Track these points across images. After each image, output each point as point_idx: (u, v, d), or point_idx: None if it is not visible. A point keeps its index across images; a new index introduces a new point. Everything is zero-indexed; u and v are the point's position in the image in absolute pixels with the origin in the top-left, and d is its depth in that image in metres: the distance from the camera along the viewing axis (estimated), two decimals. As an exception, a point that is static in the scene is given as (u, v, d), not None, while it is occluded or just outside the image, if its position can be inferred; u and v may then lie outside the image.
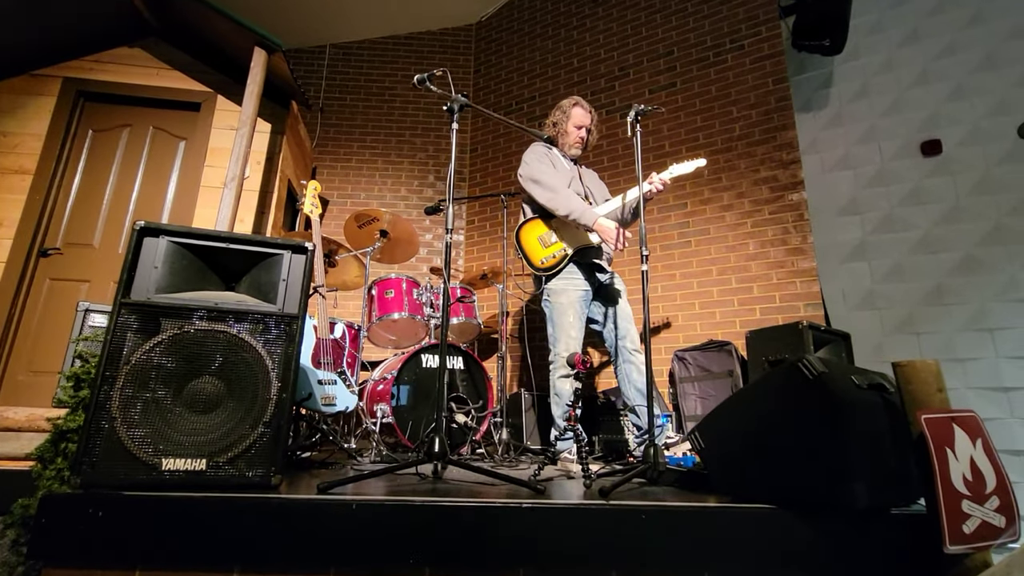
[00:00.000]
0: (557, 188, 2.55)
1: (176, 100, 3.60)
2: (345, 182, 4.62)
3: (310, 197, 2.73)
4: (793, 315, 3.19)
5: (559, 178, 2.60)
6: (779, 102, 3.56)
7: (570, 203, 2.51)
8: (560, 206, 2.51)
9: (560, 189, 2.55)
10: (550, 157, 2.70)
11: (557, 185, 2.55)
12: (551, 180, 2.57)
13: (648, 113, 2.27)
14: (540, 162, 2.66)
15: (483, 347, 4.11)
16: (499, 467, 2.41)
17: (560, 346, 2.56)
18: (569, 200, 2.52)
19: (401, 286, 3.07)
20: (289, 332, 1.59)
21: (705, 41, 3.94)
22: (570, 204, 2.50)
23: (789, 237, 3.32)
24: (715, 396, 3.14)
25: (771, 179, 3.47)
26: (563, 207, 2.51)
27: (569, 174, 2.73)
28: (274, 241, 1.66)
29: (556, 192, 2.54)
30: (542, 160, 2.68)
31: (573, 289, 2.59)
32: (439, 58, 5.04)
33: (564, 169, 2.72)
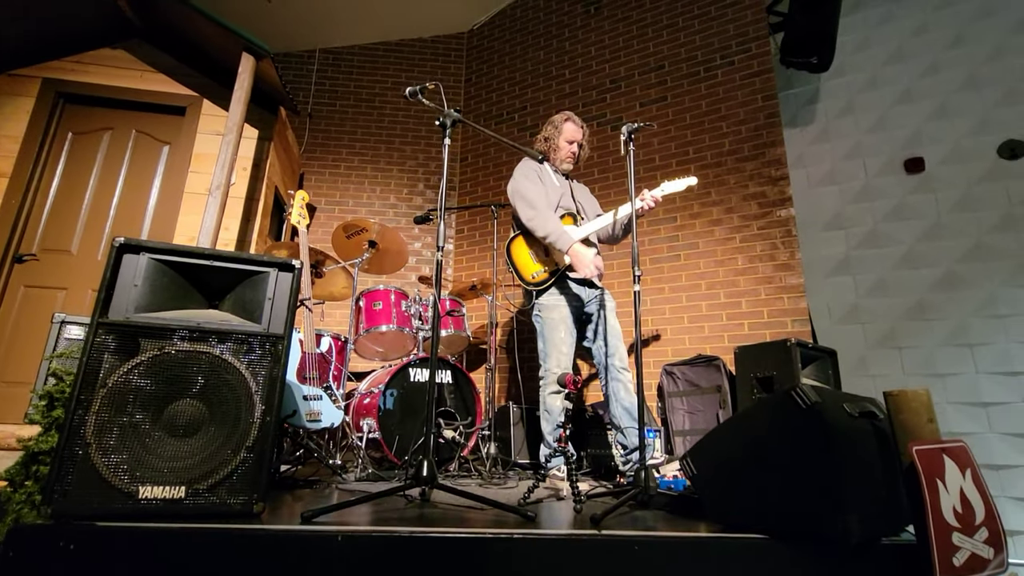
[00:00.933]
0: (538, 207, 2.55)
1: (160, 104, 3.52)
2: (333, 189, 4.56)
3: (297, 207, 2.68)
4: (781, 330, 3.22)
5: (544, 197, 2.59)
6: (768, 118, 3.60)
7: (547, 225, 2.51)
8: (538, 227, 2.52)
9: (541, 208, 2.55)
10: (539, 173, 2.69)
11: (539, 204, 2.55)
12: (534, 198, 2.57)
13: (639, 131, 2.27)
14: (527, 178, 2.65)
15: (472, 357, 4.08)
16: (487, 485, 2.39)
17: (551, 362, 2.54)
18: (547, 222, 2.52)
19: (389, 298, 3.03)
20: (274, 353, 1.54)
21: (696, 56, 3.97)
22: (547, 226, 2.51)
23: (777, 253, 3.35)
24: (703, 411, 3.15)
25: (760, 195, 3.50)
26: (541, 228, 2.52)
27: (560, 189, 2.72)
28: (260, 259, 1.62)
29: (536, 211, 2.54)
30: (529, 176, 2.67)
31: (564, 305, 2.58)
32: (430, 65, 5.02)
33: (554, 185, 2.71)
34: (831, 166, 4.78)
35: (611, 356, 2.56)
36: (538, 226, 2.52)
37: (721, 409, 3.08)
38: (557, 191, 2.71)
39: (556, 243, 2.49)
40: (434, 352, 1.79)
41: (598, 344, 2.62)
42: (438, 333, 1.80)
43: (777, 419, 1.37)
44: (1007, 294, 3.94)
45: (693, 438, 3.12)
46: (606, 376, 2.58)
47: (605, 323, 2.61)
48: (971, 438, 3.78)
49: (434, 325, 1.81)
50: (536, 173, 2.69)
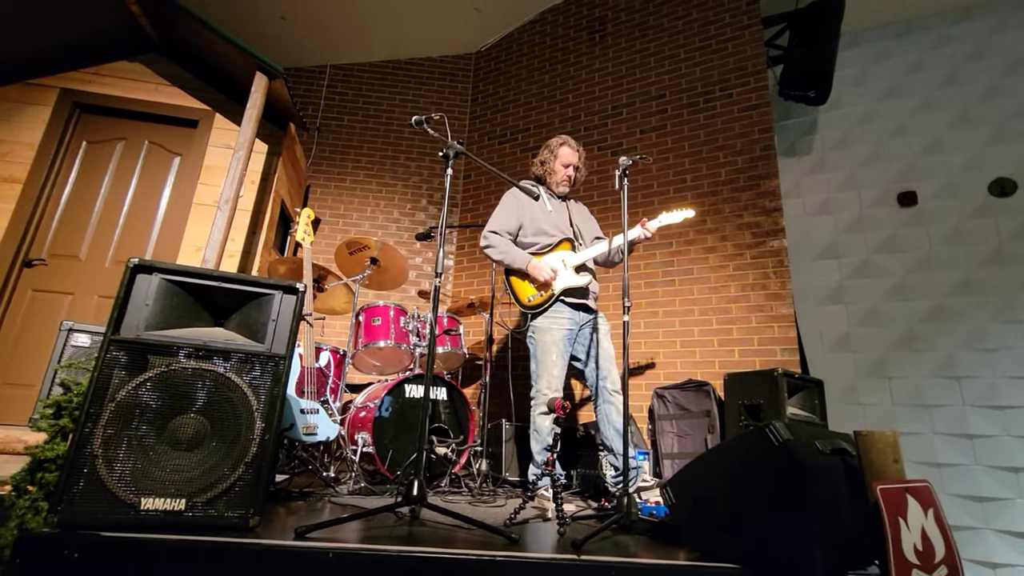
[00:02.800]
0: (495, 237, 2.72)
1: (173, 116, 3.62)
2: (338, 202, 4.66)
3: (303, 225, 2.76)
4: (770, 359, 3.28)
5: (508, 225, 2.76)
6: (764, 151, 3.69)
7: (501, 248, 2.71)
8: (494, 254, 2.73)
9: (495, 240, 2.74)
10: (522, 203, 2.78)
11: (499, 231, 2.73)
12: (495, 225, 2.76)
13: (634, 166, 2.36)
14: (500, 209, 2.82)
15: (468, 372, 4.14)
16: (477, 501, 2.44)
17: (542, 383, 2.61)
18: (500, 246, 2.72)
19: (388, 314, 3.10)
20: (276, 372, 1.62)
21: (696, 87, 4.08)
22: (501, 249, 2.71)
23: (769, 282, 3.43)
24: (692, 435, 3.21)
25: (754, 225, 3.59)
26: (496, 254, 2.72)
27: (554, 214, 2.81)
28: (266, 281, 1.69)
29: (490, 242, 2.74)
30: (504, 207, 2.82)
31: (558, 328, 2.65)
32: (438, 84, 5.14)
33: (545, 209, 2.80)
34: (826, 196, 4.88)
35: (603, 379, 2.63)
36: (494, 253, 2.73)
37: (709, 434, 3.14)
38: (551, 215, 2.79)
39: (514, 264, 2.68)
40: (429, 374, 1.86)
41: (591, 367, 2.69)
42: (433, 355, 1.87)
43: (752, 454, 1.44)
44: (995, 328, 4.01)
45: (681, 461, 3.18)
46: (598, 398, 2.65)
47: (598, 346, 2.68)
48: (957, 470, 3.84)
49: (430, 349, 1.88)
50: (516, 203, 2.79)
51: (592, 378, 2.68)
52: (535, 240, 2.77)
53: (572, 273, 2.68)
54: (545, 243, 2.76)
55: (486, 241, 2.77)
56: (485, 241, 2.77)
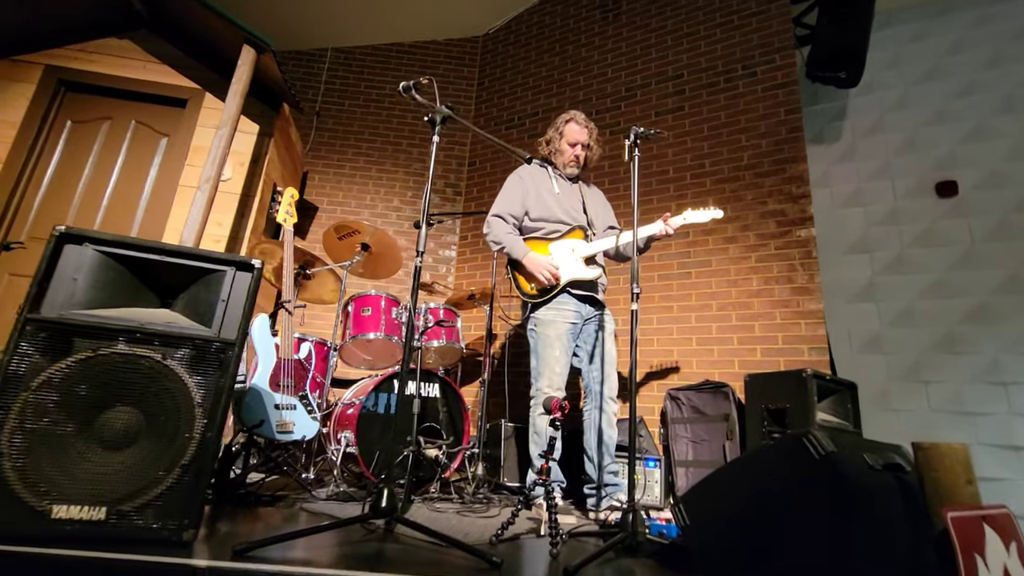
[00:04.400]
0: (497, 223, 2.51)
1: (162, 95, 3.45)
2: (336, 189, 4.46)
3: (285, 205, 2.55)
4: (796, 358, 2.99)
5: (511, 208, 2.54)
6: (790, 133, 3.40)
7: (499, 235, 2.48)
8: (491, 240, 2.53)
9: (496, 226, 2.52)
10: (527, 184, 2.55)
11: (502, 215, 2.51)
12: (499, 209, 2.54)
13: (649, 137, 2.11)
14: (504, 192, 2.60)
15: (468, 369, 3.90)
16: (467, 511, 2.21)
17: (543, 381, 2.37)
18: (499, 233, 2.48)
19: (379, 304, 2.88)
20: (223, 361, 1.39)
21: (716, 66, 3.79)
22: (499, 236, 2.48)
23: (795, 275, 3.13)
24: (708, 441, 2.93)
25: (779, 213, 3.29)
26: (493, 239, 2.51)
27: (564, 197, 2.56)
28: (215, 256, 1.47)
29: (490, 228, 2.53)
30: (507, 189, 2.59)
31: (562, 321, 2.40)
32: (443, 68, 4.92)
33: (552, 192, 2.55)
34: (857, 186, 4.54)
35: (602, 383, 2.41)
36: (492, 239, 2.52)
37: (728, 440, 2.86)
38: (560, 198, 2.55)
39: (512, 253, 2.45)
40: (405, 365, 1.63)
41: (591, 368, 2.46)
42: (411, 344, 1.64)
43: (785, 469, 1.18)
44: (1046, 330, 3.65)
45: (696, 470, 2.90)
46: (591, 403, 2.43)
47: (602, 347, 2.44)
48: (1003, 484, 3.49)
49: (407, 337, 1.65)
50: (521, 184, 2.56)
51: (590, 380, 2.45)
52: (541, 225, 2.52)
53: (581, 264, 2.43)
54: (553, 229, 2.51)
55: (487, 228, 2.54)
56: (487, 228, 2.55)
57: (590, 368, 2.46)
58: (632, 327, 1.75)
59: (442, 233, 4.44)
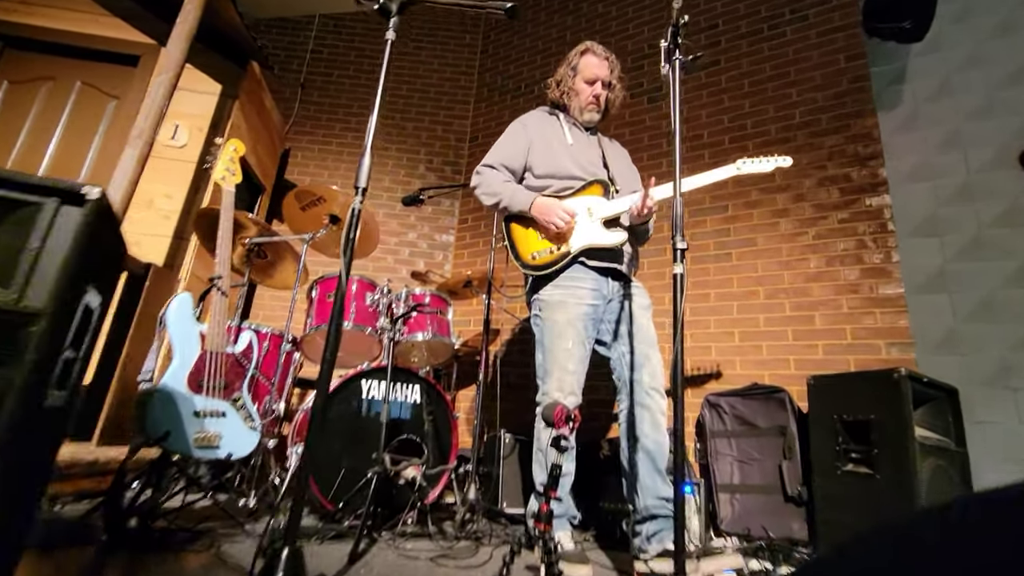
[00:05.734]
0: (489, 172, 1.98)
1: (112, 51, 3.00)
2: (322, 167, 3.98)
3: (225, 160, 2.04)
4: (870, 356, 2.38)
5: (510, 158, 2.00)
6: (854, 83, 2.80)
7: (494, 185, 1.94)
8: (483, 193, 1.96)
9: (489, 175, 1.97)
10: (531, 132, 2.01)
11: (496, 164, 1.98)
12: (494, 158, 2.01)
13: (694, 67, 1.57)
14: (503, 139, 2.05)
15: (465, 370, 3.36)
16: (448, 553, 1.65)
17: (551, 383, 1.79)
18: (493, 182, 1.95)
19: (351, 288, 2.35)
20: (22, 340, 0.87)
21: (758, 12, 3.21)
22: (494, 186, 1.94)
23: (866, 253, 2.52)
24: (760, 460, 2.33)
25: (842, 178, 2.69)
26: (487, 193, 1.95)
27: (578, 148, 2.00)
28: (28, 181, 0.95)
29: (482, 178, 1.97)
30: (508, 136, 2.05)
31: (575, 302, 1.83)
32: (442, 35, 4.41)
33: (565, 143, 1.99)
34: (922, 158, 3.87)
35: (639, 369, 1.79)
36: (483, 192, 1.96)
37: (786, 459, 2.25)
38: (573, 150, 1.99)
39: (512, 205, 1.90)
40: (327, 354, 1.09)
41: (619, 350, 1.86)
42: (339, 325, 1.10)
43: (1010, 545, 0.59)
44: None
45: (745, 496, 2.30)
46: (628, 398, 1.81)
47: (631, 322, 1.85)
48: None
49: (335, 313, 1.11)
50: (523, 131, 2.01)
51: (621, 368, 1.85)
52: (549, 183, 1.96)
53: (599, 227, 1.87)
54: (564, 187, 1.94)
55: (476, 179, 1.99)
56: (475, 179, 2.00)
57: (620, 353, 1.86)
58: (676, 297, 1.18)
59: (439, 216, 3.92)
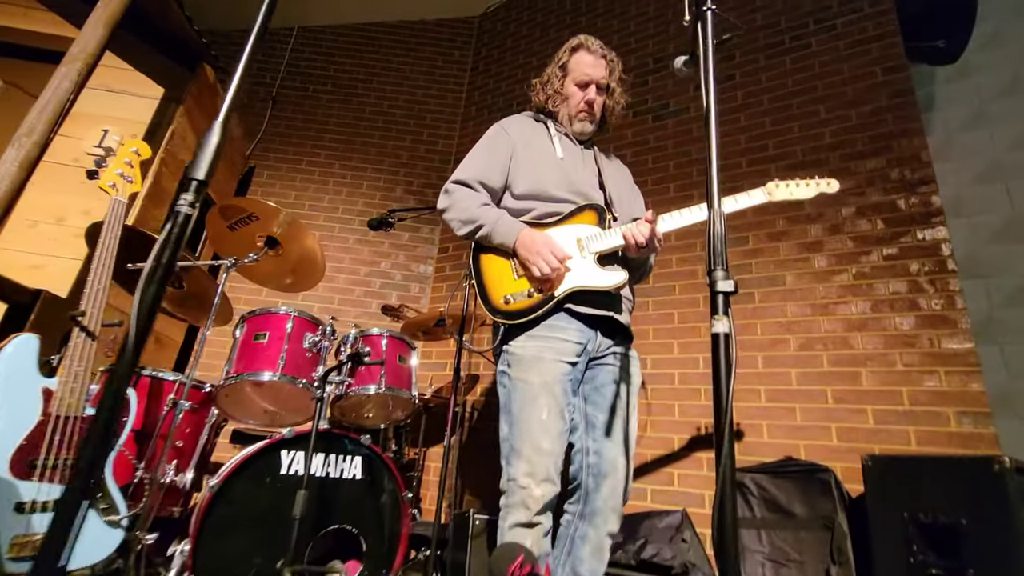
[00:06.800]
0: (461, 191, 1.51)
1: (41, 48, 2.63)
2: (288, 187, 3.57)
3: (120, 162, 1.60)
4: (937, 428, 1.88)
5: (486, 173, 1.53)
6: (895, 98, 2.41)
7: (469, 208, 1.47)
8: (455, 219, 1.49)
9: (460, 194, 1.50)
10: (513, 140, 1.58)
11: (469, 181, 1.51)
12: (466, 173, 1.53)
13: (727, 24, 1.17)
14: (479, 148, 1.59)
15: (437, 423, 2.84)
16: None
17: (519, 465, 1.32)
18: (467, 204, 1.47)
19: (284, 327, 1.88)
20: None
21: (778, 23, 2.86)
22: (470, 210, 1.46)
23: (922, 297, 2.06)
24: (800, 563, 1.80)
25: (886, 207, 2.26)
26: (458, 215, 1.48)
27: (568, 163, 1.57)
28: None
29: (451, 196, 1.52)
30: (484, 144, 1.59)
31: (554, 359, 1.37)
32: (429, 51, 4.09)
33: (548, 154, 1.56)
34: (956, 192, 3.48)
35: (599, 478, 1.37)
36: (457, 215, 1.48)
37: (836, 565, 1.72)
38: (564, 165, 1.55)
39: (493, 236, 1.44)
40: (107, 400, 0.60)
41: (584, 442, 1.43)
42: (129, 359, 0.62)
43: None
44: None
45: (781, 611, 1.76)
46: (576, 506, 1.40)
47: (612, 409, 1.41)
48: None
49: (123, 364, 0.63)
50: (504, 138, 1.57)
51: (578, 465, 1.42)
52: (531, 206, 1.52)
53: (592, 264, 1.42)
54: (549, 212, 1.50)
55: (445, 199, 1.54)
56: (444, 199, 1.54)
57: (581, 435, 1.42)
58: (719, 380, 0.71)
59: (417, 243, 3.48)
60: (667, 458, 2.32)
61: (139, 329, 0.58)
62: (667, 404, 2.38)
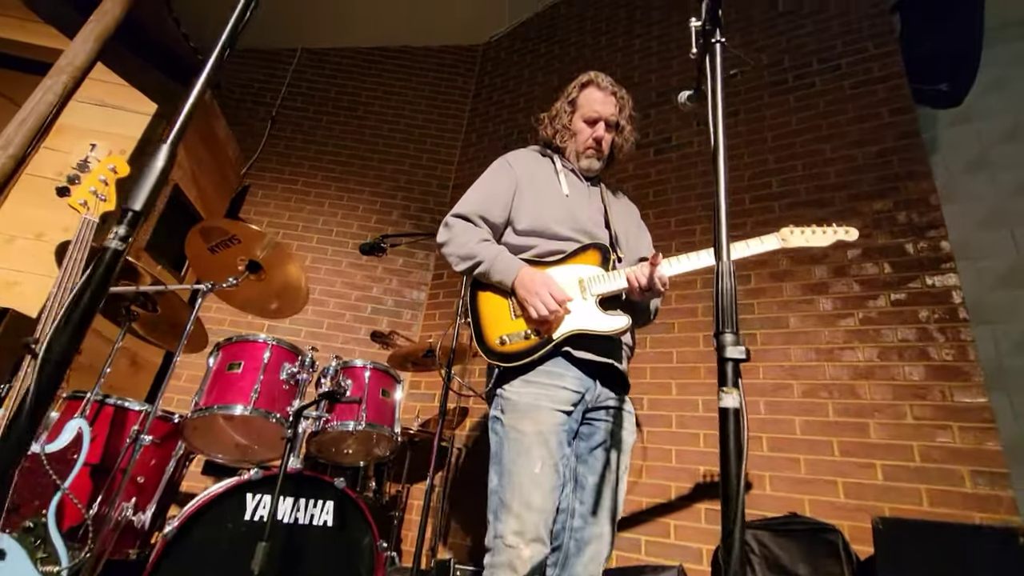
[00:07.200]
0: (460, 225, 1.44)
1: (33, 60, 2.60)
2: (283, 207, 3.50)
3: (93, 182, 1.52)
4: (951, 488, 1.77)
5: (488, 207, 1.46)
6: (902, 139, 2.36)
7: (468, 243, 1.39)
8: (453, 254, 1.42)
9: (460, 228, 1.43)
10: (518, 174, 1.52)
11: (469, 215, 1.44)
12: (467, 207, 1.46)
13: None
14: (482, 182, 1.53)
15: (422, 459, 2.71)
16: None
17: (508, 522, 1.22)
18: (466, 239, 1.40)
19: (261, 356, 1.77)
20: None
21: (781, 61, 2.84)
22: (469, 245, 1.39)
23: (932, 347, 1.97)
24: (805, 632, 1.66)
25: (894, 250, 2.19)
26: (457, 250, 1.41)
27: (574, 201, 1.50)
28: None
29: (450, 230, 1.45)
30: (489, 177, 1.54)
31: (550, 407, 1.28)
32: (432, 76, 4.09)
33: (559, 193, 1.50)
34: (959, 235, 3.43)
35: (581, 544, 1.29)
36: (456, 251, 1.41)
37: (844, 638, 1.59)
38: (569, 203, 1.49)
39: (491, 273, 1.37)
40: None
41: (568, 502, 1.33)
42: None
43: None
44: None
45: None
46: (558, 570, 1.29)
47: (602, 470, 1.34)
48: None
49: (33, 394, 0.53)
50: (509, 173, 1.51)
51: (561, 526, 1.31)
52: (534, 243, 1.45)
53: (594, 307, 1.34)
54: (553, 249, 1.43)
55: (445, 233, 1.46)
56: (444, 233, 1.47)
57: (575, 503, 1.33)
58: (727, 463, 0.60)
59: (411, 269, 3.40)
60: (663, 507, 2.19)
61: (40, 389, 0.48)
62: (664, 449, 2.26)
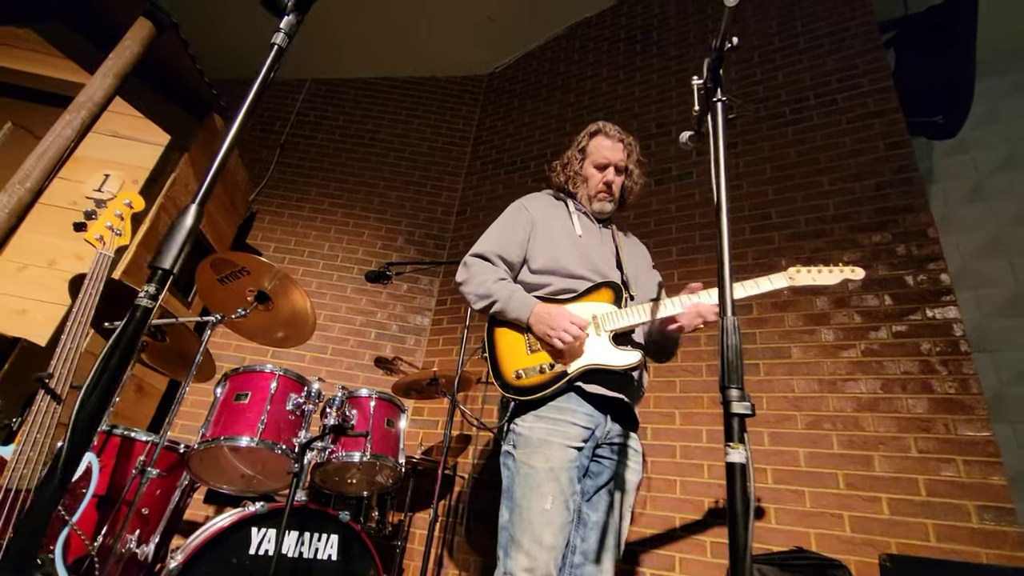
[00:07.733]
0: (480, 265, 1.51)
1: (53, 93, 2.68)
2: (289, 233, 3.55)
3: (109, 217, 1.56)
4: (957, 523, 1.76)
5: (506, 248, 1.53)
6: (899, 173, 2.41)
7: (486, 283, 1.46)
8: (472, 293, 1.48)
9: (479, 268, 1.50)
10: (534, 217, 1.59)
11: (488, 255, 1.51)
12: (486, 247, 1.53)
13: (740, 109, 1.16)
14: (499, 224, 1.61)
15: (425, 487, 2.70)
16: None
17: (518, 559, 1.24)
18: (484, 279, 1.46)
19: (268, 387, 1.79)
20: None
21: (778, 95, 2.92)
22: (486, 285, 1.45)
23: (935, 380, 1.98)
24: (813, 673, 1.64)
25: (893, 282, 2.22)
26: (475, 289, 1.47)
27: (588, 242, 1.56)
28: None
29: (469, 269, 1.52)
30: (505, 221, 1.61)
31: (562, 443, 1.31)
32: (438, 106, 4.19)
33: (573, 235, 1.56)
34: (959, 265, 3.47)
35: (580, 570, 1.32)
36: (474, 290, 1.48)
37: None
38: (582, 244, 1.55)
39: (507, 311, 1.43)
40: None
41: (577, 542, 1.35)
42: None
43: None
44: None
45: None
46: None
47: (608, 507, 1.36)
48: None
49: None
50: (525, 216, 1.58)
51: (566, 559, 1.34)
52: (548, 281, 1.51)
53: (607, 343, 1.38)
54: (566, 288, 1.49)
55: (463, 273, 1.53)
56: (462, 272, 1.53)
57: (576, 540, 1.35)
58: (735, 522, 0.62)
59: (415, 294, 3.42)
60: (668, 538, 2.17)
61: (71, 450, 0.50)
62: (668, 480, 2.25)
